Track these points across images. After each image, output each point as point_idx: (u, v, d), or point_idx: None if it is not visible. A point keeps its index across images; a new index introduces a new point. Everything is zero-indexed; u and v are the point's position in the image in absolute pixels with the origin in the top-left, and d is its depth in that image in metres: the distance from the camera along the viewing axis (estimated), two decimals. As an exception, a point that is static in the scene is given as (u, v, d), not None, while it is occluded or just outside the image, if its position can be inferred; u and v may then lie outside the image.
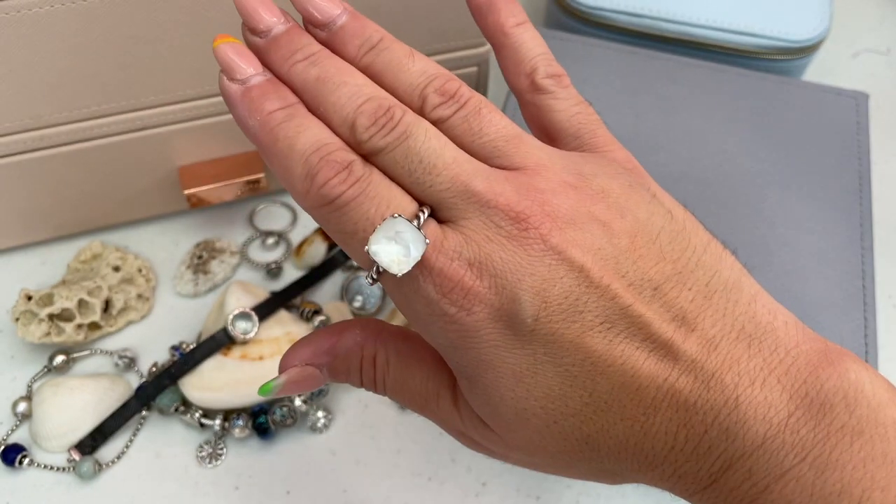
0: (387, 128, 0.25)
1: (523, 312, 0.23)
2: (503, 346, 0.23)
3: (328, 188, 0.24)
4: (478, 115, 0.26)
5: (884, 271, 0.49)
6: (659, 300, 0.23)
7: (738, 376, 0.22)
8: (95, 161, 0.45)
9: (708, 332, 0.23)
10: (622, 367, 0.23)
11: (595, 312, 0.23)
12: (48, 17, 0.37)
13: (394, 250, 0.24)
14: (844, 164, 0.46)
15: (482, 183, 0.24)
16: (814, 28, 0.52)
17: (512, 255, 0.23)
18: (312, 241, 0.50)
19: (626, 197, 0.25)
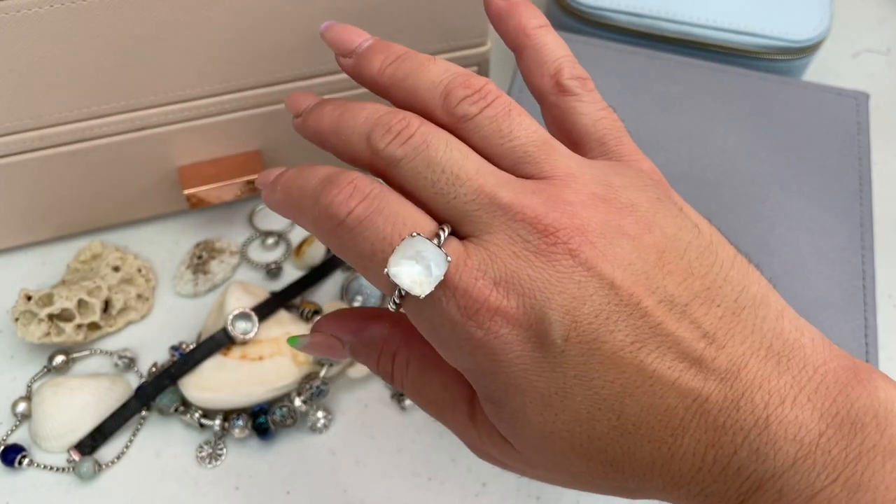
0: (403, 135, 0.24)
1: (553, 333, 0.22)
2: (532, 369, 0.23)
3: (335, 206, 0.24)
4: (507, 117, 0.25)
5: (884, 271, 0.49)
6: (689, 317, 0.23)
7: (767, 395, 0.22)
8: (95, 161, 0.45)
9: (737, 350, 0.22)
10: (652, 387, 0.22)
11: (626, 331, 0.22)
12: (48, 16, 0.37)
13: (415, 271, 0.23)
14: (845, 164, 0.46)
15: (508, 194, 0.23)
16: (814, 28, 0.52)
17: (540, 271, 0.22)
18: (312, 241, 0.50)
19: (654, 210, 0.24)
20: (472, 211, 0.23)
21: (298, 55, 0.43)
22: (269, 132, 0.47)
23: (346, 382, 0.45)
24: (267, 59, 0.43)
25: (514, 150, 0.24)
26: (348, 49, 0.28)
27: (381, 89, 0.28)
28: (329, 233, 0.24)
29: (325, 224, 0.24)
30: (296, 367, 0.43)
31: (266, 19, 0.41)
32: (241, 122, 0.46)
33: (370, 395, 0.45)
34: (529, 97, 0.47)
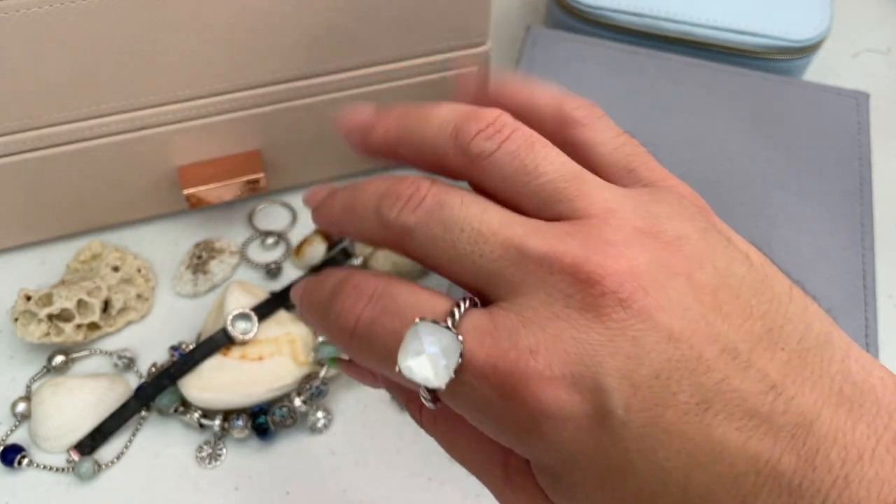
0: (413, 200, 0.22)
1: (611, 403, 0.19)
2: (591, 445, 0.20)
3: (343, 318, 0.22)
4: (531, 150, 0.22)
5: (884, 271, 0.49)
6: (754, 367, 0.20)
7: (844, 450, 0.20)
8: (95, 161, 0.45)
9: (807, 399, 0.20)
10: (720, 454, 0.19)
11: (689, 391, 0.20)
12: (48, 16, 0.37)
13: (425, 362, 0.20)
14: (845, 164, 0.46)
15: (540, 242, 0.21)
16: (814, 28, 0.52)
17: (587, 331, 0.20)
18: (312, 241, 0.49)
19: (703, 243, 0.22)
20: (501, 269, 0.21)
21: (298, 55, 0.43)
22: (269, 132, 0.47)
23: (346, 382, 0.45)
24: (266, 58, 0.43)
25: (543, 187, 0.22)
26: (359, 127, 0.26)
27: (390, 151, 0.25)
28: (348, 347, 0.22)
29: (342, 339, 0.22)
30: (296, 367, 0.43)
31: (265, 19, 0.41)
32: (240, 121, 0.46)
33: (370, 395, 0.45)
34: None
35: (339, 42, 0.43)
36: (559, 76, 0.48)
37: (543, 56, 0.48)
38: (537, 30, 0.50)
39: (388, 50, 0.45)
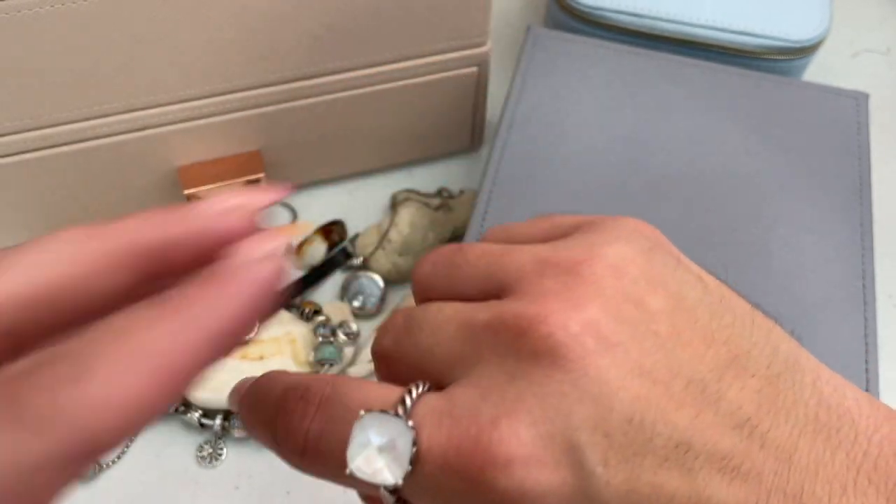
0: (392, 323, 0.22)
1: (589, 462, 0.18)
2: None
3: (291, 437, 0.20)
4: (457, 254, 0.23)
5: (884, 271, 0.49)
6: (724, 399, 0.19)
7: (828, 484, 0.19)
8: (95, 161, 0.45)
9: (783, 432, 0.19)
10: (708, 501, 0.18)
11: (665, 434, 0.18)
12: (48, 16, 0.37)
13: (376, 457, 0.18)
14: (844, 165, 0.46)
15: (485, 312, 0.20)
16: (814, 28, 0.52)
17: (546, 382, 0.18)
18: (312, 240, 0.50)
19: (648, 265, 0.21)
20: (456, 350, 0.20)
21: (298, 55, 0.43)
22: (269, 132, 0.47)
23: (346, 382, 0.45)
24: (266, 59, 0.43)
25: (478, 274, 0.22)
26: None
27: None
28: (302, 466, 0.21)
29: (293, 460, 0.21)
30: (296, 366, 0.43)
31: (266, 19, 0.41)
32: (240, 122, 0.46)
33: (370, 395, 0.45)
34: (524, 112, 0.48)
35: (339, 42, 0.43)
36: (559, 77, 0.48)
37: (543, 56, 0.49)
38: (537, 30, 0.50)
39: (389, 50, 0.45)
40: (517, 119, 0.46)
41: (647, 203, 0.43)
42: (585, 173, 0.44)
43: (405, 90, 0.48)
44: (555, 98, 0.47)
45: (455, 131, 0.53)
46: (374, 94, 0.47)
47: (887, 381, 0.40)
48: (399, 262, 0.48)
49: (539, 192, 0.44)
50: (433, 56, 0.46)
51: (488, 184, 0.44)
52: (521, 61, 0.49)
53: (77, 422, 0.15)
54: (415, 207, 0.49)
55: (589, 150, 0.45)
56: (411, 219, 0.48)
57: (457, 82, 0.49)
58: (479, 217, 0.43)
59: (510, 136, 0.46)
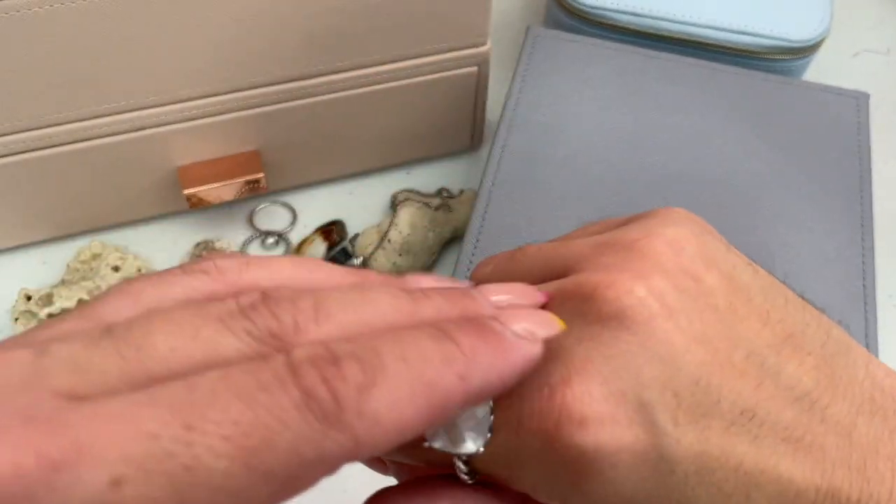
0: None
1: (659, 418, 0.18)
2: (650, 478, 0.19)
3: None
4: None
5: (884, 271, 0.49)
6: (784, 372, 0.19)
7: (889, 461, 0.19)
8: (95, 161, 0.45)
9: (841, 409, 0.19)
10: (775, 469, 0.19)
11: (730, 398, 0.19)
12: (48, 16, 0.37)
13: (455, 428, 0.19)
14: (845, 164, 0.46)
15: (550, 287, 0.21)
16: (814, 28, 0.52)
17: (614, 342, 0.19)
18: (312, 240, 0.49)
19: (702, 247, 0.21)
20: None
21: (297, 55, 0.43)
22: (268, 132, 0.47)
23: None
24: (266, 59, 0.43)
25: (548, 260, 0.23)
26: None
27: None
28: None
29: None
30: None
31: (265, 20, 0.41)
32: (240, 122, 0.46)
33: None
34: (524, 112, 0.47)
35: (338, 42, 0.43)
36: (559, 76, 0.48)
37: (543, 56, 0.49)
38: (537, 30, 0.50)
39: (388, 50, 0.45)
40: (517, 119, 0.46)
41: (647, 202, 0.43)
42: (585, 173, 0.44)
43: (405, 90, 0.48)
44: (555, 98, 0.47)
45: (455, 131, 0.53)
46: (373, 94, 0.47)
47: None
48: (399, 262, 0.48)
49: (539, 191, 0.43)
50: (433, 56, 0.46)
51: (488, 184, 0.44)
52: (520, 61, 0.48)
53: (352, 428, 0.15)
54: (415, 207, 0.49)
55: (589, 149, 0.45)
56: (411, 219, 0.48)
57: (457, 82, 0.49)
58: (479, 217, 0.43)
59: (510, 136, 0.45)
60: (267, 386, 0.15)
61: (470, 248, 0.42)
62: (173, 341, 0.16)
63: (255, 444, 0.14)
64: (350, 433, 0.15)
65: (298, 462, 0.15)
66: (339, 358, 0.16)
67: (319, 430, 0.15)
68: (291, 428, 0.15)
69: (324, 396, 0.15)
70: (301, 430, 0.15)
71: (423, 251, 0.49)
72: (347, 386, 0.15)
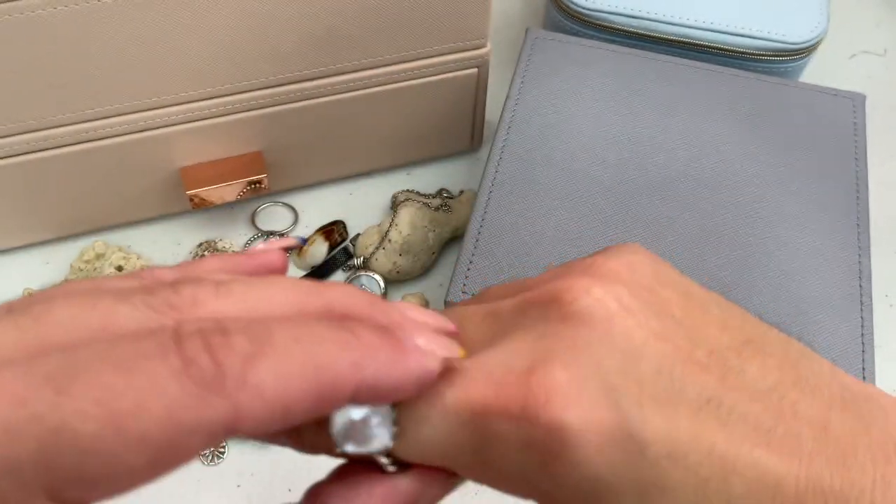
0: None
1: (624, 401, 0.19)
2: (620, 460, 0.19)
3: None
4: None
5: (880, 271, 0.49)
6: (747, 371, 0.20)
7: (869, 452, 0.19)
8: (98, 162, 0.45)
9: (811, 405, 0.19)
10: (750, 455, 0.18)
11: (695, 388, 0.19)
12: (51, 18, 0.37)
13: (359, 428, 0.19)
14: (841, 165, 0.46)
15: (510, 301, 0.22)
16: (811, 30, 0.52)
17: (574, 337, 0.19)
18: (314, 240, 0.50)
19: (656, 268, 0.22)
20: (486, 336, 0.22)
21: (299, 57, 0.44)
22: (271, 133, 0.47)
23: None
24: (268, 60, 0.43)
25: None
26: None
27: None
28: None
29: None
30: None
31: (267, 21, 0.41)
32: (242, 123, 0.46)
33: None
34: (523, 113, 0.48)
35: (339, 44, 0.44)
36: (558, 78, 0.48)
37: (542, 58, 0.49)
38: (536, 32, 0.50)
39: (389, 52, 0.45)
40: (516, 120, 0.46)
41: (645, 203, 0.44)
42: (584, 174, 0.45)
43: (406, 91, 0.48)
44: (553, 99, 0.47)
45: (455, 132, 0.53)
46: (375, 96, 0.47)
47: (884, 381, 0.40)
48: (399, 261, 0.48)
49: (538, 192, 0.44)
50: (433, 58, 0.47)
51: (488, 184, 0.44)
52: (520, 63, 0.49)
53: (234, 396, 0.15)
54: (415, 208, 0.49)
55: (588, 150, 0.45)
56: (411, 219, 0.49)
57: (457, 84, 0.49)
58: (479, 217, 0.43)
59: (510, 137, 0.46)
60: (147, 353, 0.15)
61: (470, 248, 0.42)
62: (71, 311, 0.16)
63: (126, 408, 0.14)
64: (231, 401, 0.15)
65: (175, 428, 0.15)
66: (228, 330, 0.16)
67: (198, 396, 0.15)
68: (168, 394, 0.15)
69: (205, 364, 0.15)
70: (178, 396, 0.15)
71: (423, 251, 0.49)
72: (232, 354, 0.15)
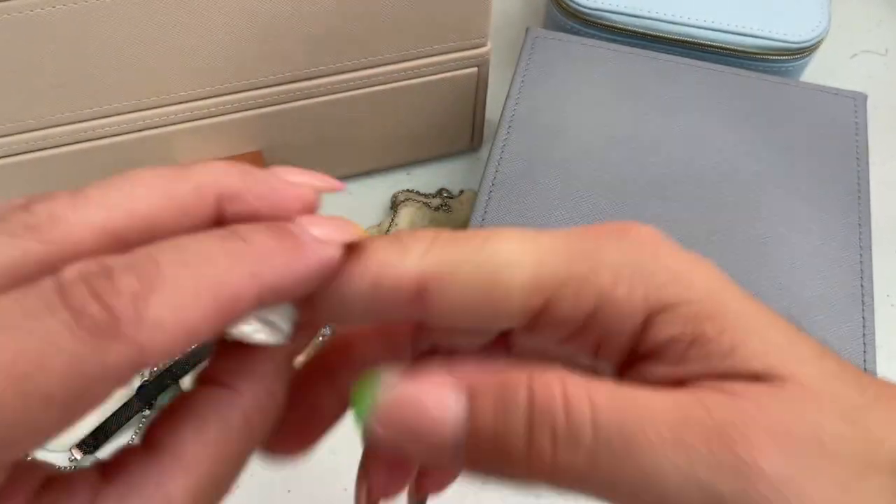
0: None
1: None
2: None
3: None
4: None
5: (882, 271, 0.49)
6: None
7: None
8: (97, 161, 0.45)
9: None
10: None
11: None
12: (50, 17, 0.37)
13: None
14: (843, 165, 0.46)
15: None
16: (812, 29, 0.52)
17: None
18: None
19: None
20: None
21: (299, 56, 0.44)
22: (271, 133, 0.47)
23: (346, 382, 0.45)
24: (268, 60, 0.43)
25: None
26: None
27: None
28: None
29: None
30: (297, 366, 0.43)
31: (267, 20, 0.41)
32: (242, 122, 0.46)
33: (371, 395, 0.45)
34: (523, 113, 0.48)
35: (340, 44, 0.44)
36: (558, 77, 0.48)
37: (543, 57, 0.49)
38: (536, 31, 0.50)
39: (389, 51, 0.45)
40: (517, 119, 0.46)
41: (646, 203, 0.43)
42: (585, 173, 0.44)
43: (406, 91, 0.48)
44: (554, 98, 0.47)
45: (455, 132, 0.53)
46: (374, 95, 0.47)
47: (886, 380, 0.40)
48: (399, 261, 0.48)
49: (539, 191, 0.44)
50: (433, 57, 0.47)
51: (488, 184, 0.44)
52: (520, 62, 0.49)
53: (133, 337, 0.15)
54: (415, 207, 0.49)
55: (588, 150, 0.45)
56: (411, 219, 0.49)
57: (457, 83, 0.49)
58: (479, 217, 0.43)
59: (510, 137, 0.46)
60: (33, 312, 0.15)
61: (470, 248, 0.42)
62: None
63: (25, 371, 0.14)
64: (131, 343, 0.15)
65: (81, 380, 0.15)
66: (111, 270, 0.15)
67: (96, 345, 0.15)
68: (65, 349, 0.14)
69: (95, 312, 0.15)
70: (75, 349, 0.14)
71: (424, 251, 0.49)
72: (121, 297, 0.15)
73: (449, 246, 0.19)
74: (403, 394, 0.18)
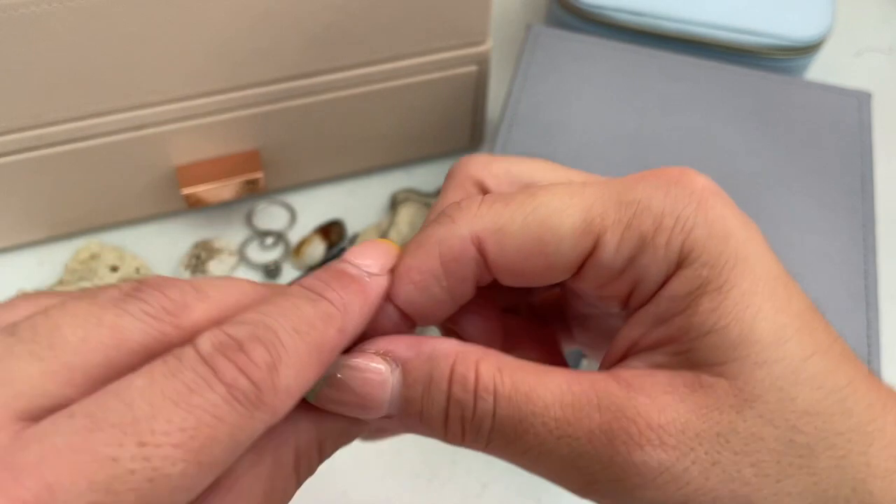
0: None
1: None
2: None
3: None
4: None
5: (887, 271, 0.49)
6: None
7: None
8: (93, 160, 0.44)
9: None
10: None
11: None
12: (46, 16, 0.37)
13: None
14: (847, 163, 0.45)
15: None
16: (816, 27, 0.52)
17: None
18: (311, 240, 0.49)
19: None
20: None
21: (296, 54, 0.43)
22: (267, 131, 0.47)
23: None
24: (265, 57, 0.43)
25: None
26: None
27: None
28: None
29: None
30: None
31: (264, 18, 0.41)
32: (239, 121, 0.45)
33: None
34: (524, 111, 0.47)
35: (337, 41, 0.43)
36: (559, 75, 0.48)
37: (544, 55, 0.48)
38: (538, 29, 0.50)
39: (388, 49, 0.45)
40: (517, 118, 0.46)
41: (649, 202, 0.43)
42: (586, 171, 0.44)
43: (405, 89, 0.47)
44: (555, 96, 0.47)
45: (455, 130, 0.53)
46: (373, 93, 0.47)
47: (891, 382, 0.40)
48: (399, 261, 0.48)
49: (539, 191, 0.43)
50: (433, 54, 0.46)
51: (488, 183, 0.44)
52: (521, 60, 0.48)
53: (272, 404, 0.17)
54: (414, 207, 0.49)
55: (590, 148, 0.45)
56: (411, 218, 0.48)
57: (457, 81, 0.48)
58: (479, 216, 0.42)
59: (510, 135, 0.45)
60: (195, 387, 0.16)
61: (470, 248, 0.42)
62: (81, 331, 0.17)
63: (201, 444, 0.16)
64: (270, 409, 0.17)
65: (238, 446, 0.17)
66: (241, 342, 0.17)
67: (247, 414, 0.16)
68: (226, 420, 0.16)
69: (244, 385, 0.16)
70: (233, 419, 0.16)
71: (423, 251, 0.48)
72: (260, 369, 0.17)
73: (497, 204, 0.20)
74: (350, 363, 0.20)
